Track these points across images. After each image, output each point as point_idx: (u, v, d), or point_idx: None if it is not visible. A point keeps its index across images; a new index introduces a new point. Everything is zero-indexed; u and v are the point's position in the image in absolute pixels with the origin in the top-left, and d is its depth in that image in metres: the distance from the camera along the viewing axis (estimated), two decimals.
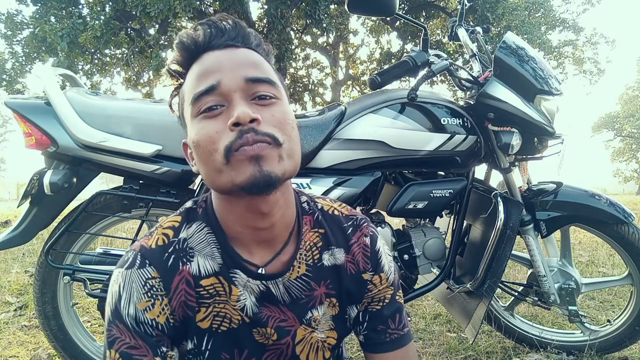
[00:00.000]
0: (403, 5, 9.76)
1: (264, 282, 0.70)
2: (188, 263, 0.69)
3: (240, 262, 0.69)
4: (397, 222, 1.93)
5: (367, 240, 0.78)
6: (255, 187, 0.59)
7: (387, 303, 0.78)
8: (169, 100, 0.71)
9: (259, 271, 0.70)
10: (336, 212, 0.79)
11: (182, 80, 0.68)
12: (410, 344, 0.79)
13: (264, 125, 0.60)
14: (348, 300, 0.78)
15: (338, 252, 0.76)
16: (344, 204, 0.82)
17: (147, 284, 0.66)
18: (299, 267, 0.73)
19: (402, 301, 0.81)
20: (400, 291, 0.82)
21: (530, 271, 1.70)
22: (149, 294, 0.66)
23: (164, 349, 0.66)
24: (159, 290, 0.67)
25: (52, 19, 6.69)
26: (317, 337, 0.76)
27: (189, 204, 0.75)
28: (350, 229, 0.78)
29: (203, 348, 0.71)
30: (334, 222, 0.78)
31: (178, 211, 0.74)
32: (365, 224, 0.79)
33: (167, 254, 0.68)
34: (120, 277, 0.66)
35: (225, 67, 0.62)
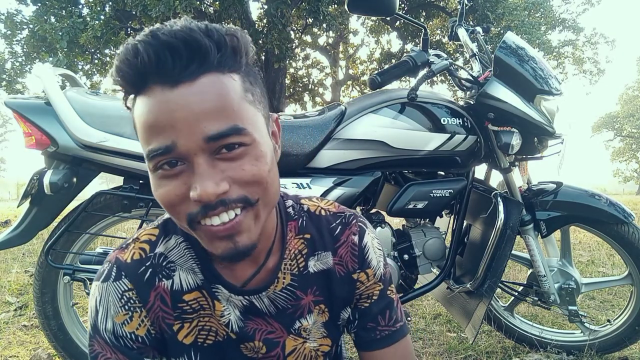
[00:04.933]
0: (403, 5, 9.75)
1: (246, 297, 0.68)
2: (164, 279, 0.66)
3: (220, 278, 0.67)
4: (397, 222, 1.93)
5: (356, 238, 0.74)
6: (229, 260, 0.57)
7: (376, 300, 0.76)
8: (124, 102, 0.58)
9: (240, 287, 0.68)
10: (323, 212, 0.75)
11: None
12: (404, 339, 0.76)
13: (234, 189, 0.53)
14: (341, 304, 0.75)
15: (325, 255, 0.73)
16: (331, 201, 0.79)
17: (124, 297, 0.64)
18: (284, 278, 0.70)
19: (394, 296, 0.78)
20: (393, 286, 0.79)
21: (530, 271, 1.70)
22: (126, 307, 0.64)
23: None
24: (136, 302, 0.65)
25: (52, 18, 6.69)
26: (310, 347, 0.74)
27: (167, 214, 0.70)
28: (339, 227, 0.74)
29: None
30: (321, 224, 0.74)
31: (156, 222, 0.71)
32: (354, 220, 0.75)
33: (143, 268, 0.66)
34: (97, 291, 0.65)
35: (179, 122, 0.50)
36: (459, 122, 1.50)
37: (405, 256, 1.56)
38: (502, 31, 8.28)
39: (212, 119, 0.51)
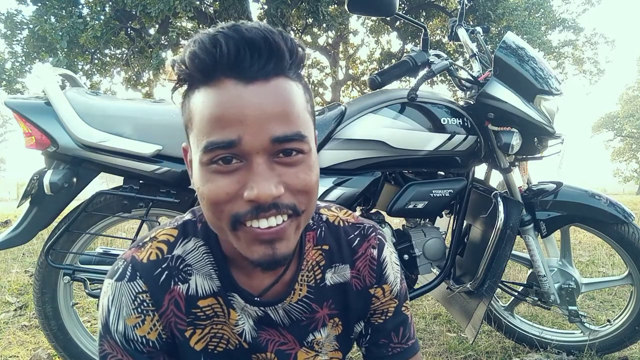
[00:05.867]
0: (403, 5, 9.75)
1: (261, 308, 0.67)
2: (180, 283, 0.65)
3: (237, 286, 0.66)
4: (397, 222, 1.93)
5: (375, 252, 0.73)
6: (264, 266, 0.56)
7: (391, 316, 0.75)
8: (171, 93, 0.59)
9: (256, 298, 0.67)
10: (342, 223, 0.74)
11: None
12: (415, 357, 0.76)
13: (287, 195, 0.53)
14: (355, 318, 0.74)
15: (343, 268, 0.72)
16: (350, 212, 0.77)
17: (137, 299, 0.63)
18: (300, 290, 0.69)
19: (408, 313, 0.77)
20: (408, 302, 0.78)
21: (530, 271, 1.70)
22: (139, 310, 0.63)
23: None
24: (149, 305, 0.63)
25: (52, 18, 6.69)
26: None
27: (188, 215, 0.70)
28: (357, 239, 0.73)
29: None
30: (340, 235, 0.73)
31: (175, 222, 0.69)
32: (373, 233, 0.74)
33: (159, 270, 0.64)
34: (110, 290, 0.63)
35: (249, 119, 0.50)
36: (459, 122, 1.50)
37: (405, 256, 1.56)
38: (502, 31, 8.28)
39: (280, 121, 0.52)
